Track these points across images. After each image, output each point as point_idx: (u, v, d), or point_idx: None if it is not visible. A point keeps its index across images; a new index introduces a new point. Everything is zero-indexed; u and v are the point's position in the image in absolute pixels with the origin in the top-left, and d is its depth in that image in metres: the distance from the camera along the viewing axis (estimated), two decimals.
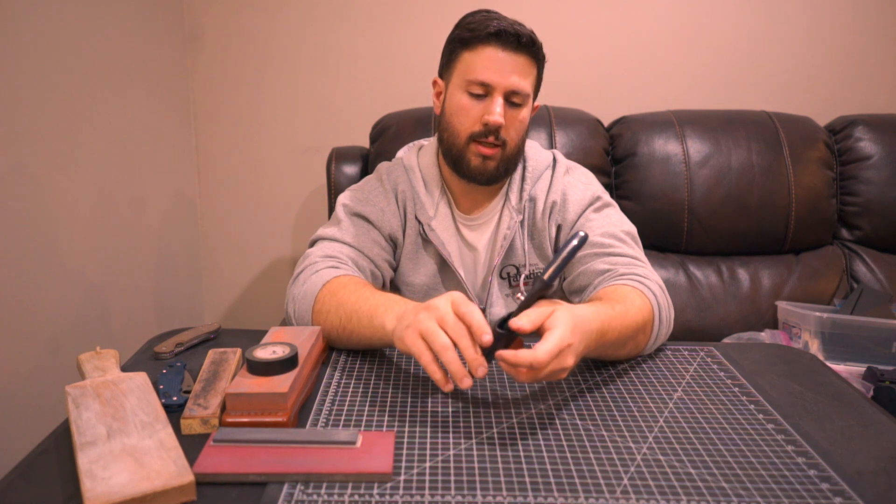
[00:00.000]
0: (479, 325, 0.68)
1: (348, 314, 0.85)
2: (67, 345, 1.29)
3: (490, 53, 0.98)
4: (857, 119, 1.61)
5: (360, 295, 0.86)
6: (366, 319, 0.83)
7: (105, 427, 0.65)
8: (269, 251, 1.91)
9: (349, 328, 0.85)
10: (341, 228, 1.04)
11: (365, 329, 0.83)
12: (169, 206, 1.72)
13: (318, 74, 1.79)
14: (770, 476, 0.62)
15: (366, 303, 0.84)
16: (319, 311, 0.89)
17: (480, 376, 0.68)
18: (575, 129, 1.55)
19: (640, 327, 0.84)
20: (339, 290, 0.89)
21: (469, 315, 0.69)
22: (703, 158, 1.54)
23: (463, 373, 0.68)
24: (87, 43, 1.35)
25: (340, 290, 0.88)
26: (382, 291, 0.91)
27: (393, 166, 1.12)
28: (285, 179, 1.85)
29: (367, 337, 0.83)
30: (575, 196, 1.07)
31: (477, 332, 0.68)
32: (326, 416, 0.72)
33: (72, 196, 1.31)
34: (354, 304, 0.85)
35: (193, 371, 0.82)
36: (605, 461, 0.64)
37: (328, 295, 0.89)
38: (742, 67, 1.77)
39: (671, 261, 1.57)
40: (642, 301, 0.87)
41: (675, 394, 0.79)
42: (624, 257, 0.98)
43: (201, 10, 1.76)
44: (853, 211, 1.59)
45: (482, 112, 0.99)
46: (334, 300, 0.88)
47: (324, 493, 0.59)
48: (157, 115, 1.64)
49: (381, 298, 0.84)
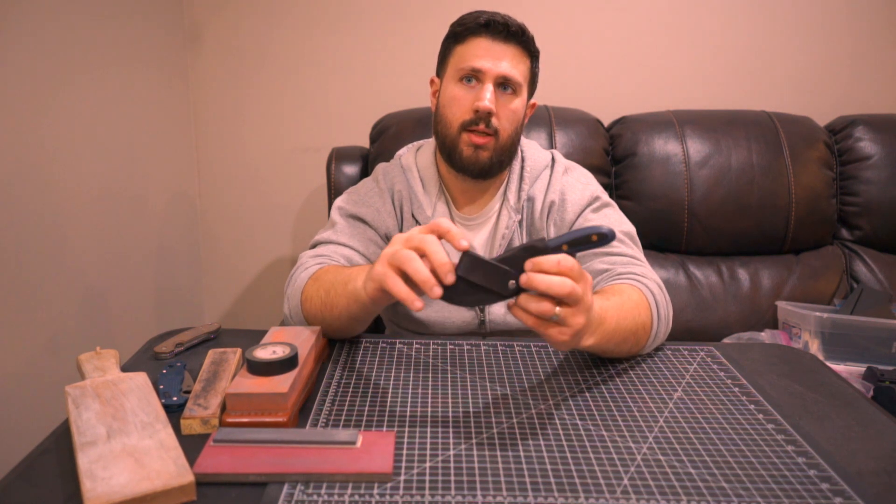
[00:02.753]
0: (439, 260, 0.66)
1: (327, 290, 0.86)
2: (67, 345, 1.29)
3: (480, 43, 1.00)
4: (857, 119, 1.61)
5: (338, 271, 0.88)
6: (341, 287, 0.83)
7: (105, 427, 0.65)
8: (269, 251, 1.91)
9: (328, 303, 0.86)
10: (336, 230, 1.05)
11: (341, 297, 0.83)
12: (169, 206, 1.72)
13: (318, 74, 1.79)
14: (770, 476, 0.62)
15: (341, 274, 0.86)
16: (306, 298, 0.90)
17: (449, 282, 0.65)
18: (575, 129, 1.55)
19: (637, 321, 0.84)
20: (321, 276, 0.91)
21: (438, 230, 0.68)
22: (703, 158, 1.54)
23: (431, 282, 0.65)
24: (87, 43, 1.35)
25: (323, 275, 0.91)
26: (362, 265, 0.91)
27: (390, 167, 1.12)
28: (285, 179, 1.85)
29: (345, 305, 0.83)
30: (573, 196, 1.07)
31: (440, 271, 0.65)
32: (326, 416, 0.72)
33: (72, 196, 1.31)
34: (333, 279, 0.87)
35: (193, 371, 0.82)
36: (605, 461, 0.64)
37: (312, 282, 0.91)
38: (742, 67, 1.77)
39: (671, 261, 1.57)
40: (639, 297, 0.87)
41: (675, 394, 0.79)
42: (622, 257, 0.98)
43: (201, 10, 1.76)
44: (853, 211, 1.59)
45: (473, 100, 0.99)
46: (316, 284, 0.90)
47: (324, 494, 0.59)
48: (157, 115, 1.64)
49: (357, 269, 0.85)
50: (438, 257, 0.66)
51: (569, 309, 0.66)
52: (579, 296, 0.66)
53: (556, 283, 0.64)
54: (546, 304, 0.65)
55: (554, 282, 0.64)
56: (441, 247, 0.67)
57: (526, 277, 0.65)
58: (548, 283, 0.64)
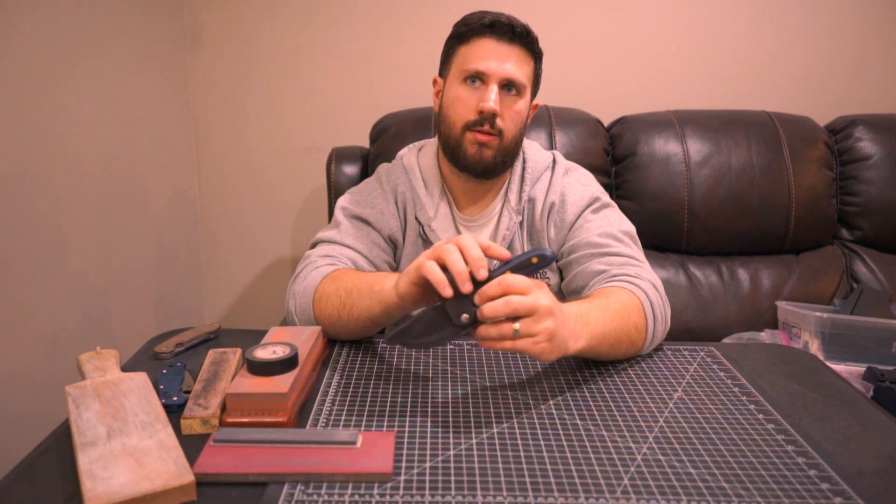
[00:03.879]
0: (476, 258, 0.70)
1: (348, 291, 0.87)
2: (67, 345, 1.29)
3: (485, 44, 0.99)
4: (857, 119, 1.61)
5: (359, 274, 0.91)
6: (366, 289, 0.85)
7: (105, 427, 0.65)
8: (269, 251, 1.91)
9: (349, 303, 0.86)
10: (340, 231, 1.04)
11: (365, 298, 0.85)
12: (169, 206, 1.72)
13: (318, 74, 1.79)
14: (770, 476, 0.62)
15: (365, 277, 0.88)
16: (320, 297, 0.90)
17: (481, 278, 0.69)
18: (575, 129, 1.55)
19: (628, 322, 0.84)
20: (339, 276, 0.92)
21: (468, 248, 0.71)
22: (703, 158, 1.54)
23: (465, 276, 0.69)
24: (87, 42, 1.35)
25: (341, 276, 0.92)
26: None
27: (392, 167, 1.12)
28: (285, 179, 1.85)
29: (368, 306, 0.84)
30: (573, 197, 1.07)
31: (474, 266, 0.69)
32: (326, 416, 0.72)
33: (72, 196, 1.31)
34: (354, 280, 0.88)
35: (193, 371, 0.82)
36: (605, 461, 0.64)
37: (328, 281, 0.91)
38: (742, 67, 1.77)
39: (671, 261, 1.57)
40: (628, 297, 0.87)
41: (675, 394, 0.79)
42: (620, 257, 0.98)
43: (201, 10, 1.76)
44: (853, 211, 1.59)
45: (477, 101, 0.99)
46: (334, 284, 0.90)
47: (324, 494, 0.59)
48: (157, 115, 1.64)
49: (383, 273, 0.93)
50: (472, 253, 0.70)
51: (528, 319, 0.68)
52: (530, 305, 0.67)
53: (500, 306, 0.67)
54: (503, 325, 0.68)
55: (497, 305, 0.67)
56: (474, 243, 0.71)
57: (479, 312, 0.68)
58: (493, 310, 0.67)
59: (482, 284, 0.69)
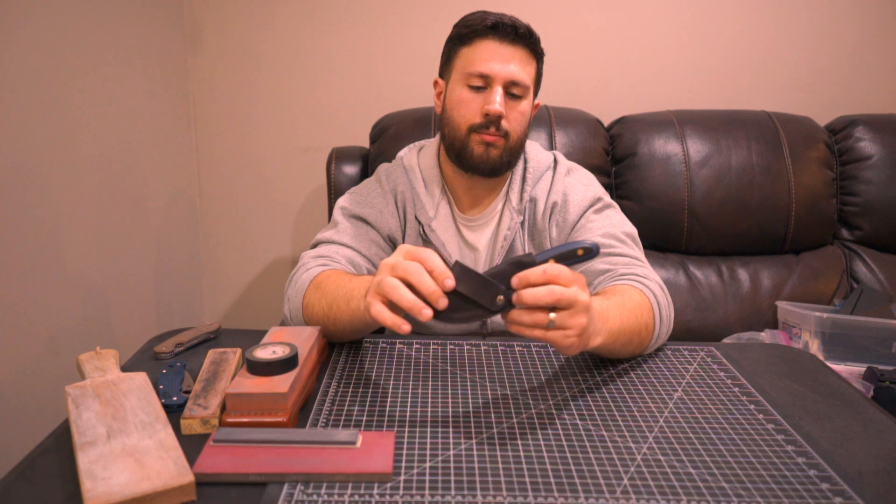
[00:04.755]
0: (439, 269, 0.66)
1: (329, 303, 0.86)
2: (67, 345, 1.29)
3: (488, 46, 0.99)
4: (857, 119, 1.61)
5: (340, 283, 0.87)
6: (343, 304, 0.83)
7: (105, 427, 0.65)
8: (269, 251, 1.91)
9: (332, 316, 0.86)
10: (338, 230, 1.04)
11: (344, 314, 0.84)
12: (169, 206, 1.72)
13: (317, 74, 1.79)
14: (770, 476, 0.62)
15: (343, 289, 0.85)
16: (307, 305, 0.90)
17: (441, 307, 0.65)
18: (575, 129, 1.55)
19: (640, 321, 0.84)
20: (323, 282, 0.90)
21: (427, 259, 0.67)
22: (703, 158, 1.54)
23: (419, 306, 0.65)
24: (87, 43, 1.35)
25: (324, 282, 0.90)
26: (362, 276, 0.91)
27: (392, 167, 1.12)
28: (285, 179, 1.85)
29: (349, 321, 0.84)
30: (576, 197, 1.07)
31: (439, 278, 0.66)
32: (326, 416, 0.72)
33: (72, 196, 1.31)
34: (334, 291, 0.86)
35: (193, 371, 0.82)
36: (605, 461, 0.64)
37: (313, 288, 0.91)
38: (742, 67, 1.77)
39: (671, 261, 1.57)
40: (641, 297, 0.87)
41: (675, 394, 0.79)
42: (624, 257, 0.98)
43: (201, 10, 1.76)
44: (853, 211, 1.59)
45: (482, 103, 0.99)
46: (318, 292, 0.89)
47: (324, 494, 0.59)
48: (157, 115, 1.64)
49: (357, 282, 0.84)
50: (427, 286, 0.65)
51: (565, 312, 0.67)
52: (572, 298, 0.66)
53: (542, 294, 0.65)
54: (539, 314, 0.66)
55: (541, 293, 0.65)
56: (426, 275, 0.66)
57: (516, 296, 0.66)
58: (535, 297, 0.65)
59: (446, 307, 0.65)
